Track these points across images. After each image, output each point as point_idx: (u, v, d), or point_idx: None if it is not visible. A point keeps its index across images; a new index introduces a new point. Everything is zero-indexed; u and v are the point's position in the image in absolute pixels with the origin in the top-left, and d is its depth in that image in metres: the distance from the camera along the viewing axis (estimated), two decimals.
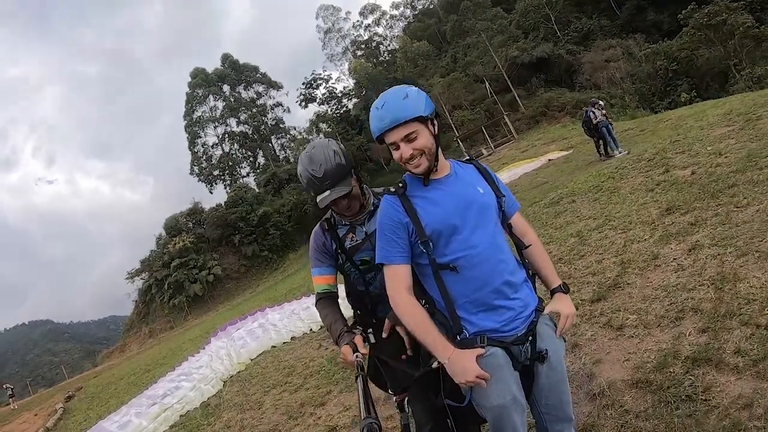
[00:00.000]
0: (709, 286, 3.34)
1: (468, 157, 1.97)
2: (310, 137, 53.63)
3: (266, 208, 46.47)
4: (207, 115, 60.37)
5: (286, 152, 62.25)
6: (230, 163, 59.96)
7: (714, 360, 2.61)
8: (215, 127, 60.68)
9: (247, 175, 61.13)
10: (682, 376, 2.62)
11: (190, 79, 59.50)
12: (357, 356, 1.83)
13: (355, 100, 55.44)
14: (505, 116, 35.03)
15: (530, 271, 1.90)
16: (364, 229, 2.15)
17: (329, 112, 55.11)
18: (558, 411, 1.82)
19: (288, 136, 63.20)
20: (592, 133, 12.55)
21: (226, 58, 61.93)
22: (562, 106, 34.43)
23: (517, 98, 37.80)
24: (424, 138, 1.68)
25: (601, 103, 12.88)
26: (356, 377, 1.75)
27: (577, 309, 4.07)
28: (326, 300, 2.14)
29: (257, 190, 52.75)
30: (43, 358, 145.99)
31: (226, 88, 61.61)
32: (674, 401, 2.47)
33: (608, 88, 32.92)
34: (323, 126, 53.64)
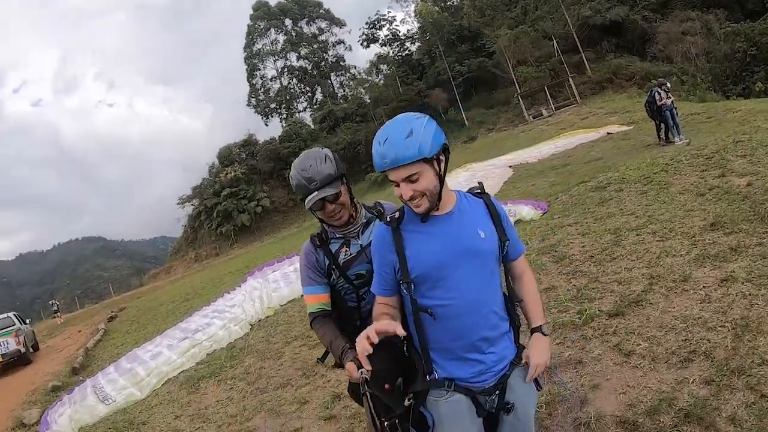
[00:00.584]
0: (729, 330, 3.13)
1: (479, 190, 1.82)
2: (370, 78, 52.89)
3: (320, 145, 46.76)
4: (267, 48, 60.28)
5: (344, 90, 61.92)
6: (287, 98, 60.23)
7: (706, 421, 2.48)
8: (275, 61, 60.65)
9: (304, 110, 61.44)
10: (670, 430, 2.52)
11: (252, 11, 59.17)
12: (362, 372, 1.77)
13: (418, 44, 53.92)
14: (570, 78, 33.21)
15: (516, 321, 1.81)
16: (359, 242, 2.09)
17: (391, 54, 53.86)
18: None
19: (348, 74, 62.60)
20: (655, 115, 11.82)
21: None
22: (630, 75, 32.20)
23: (585, 61, 35.52)
24: (427, 180, 1.56)
25: (668, 84, 11.99)
26: (362, 394, 1.74)
27: (592, 320, 3.98)
28: (321, 318, 2.09)
29: (312, 127, 53.01)
30: (93, 272, 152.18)
31: (288, 22, 61.02)
32: None
33: (681, 63, 30.28)
34: (383, 67, 52.64)
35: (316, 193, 1.95)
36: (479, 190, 1.82)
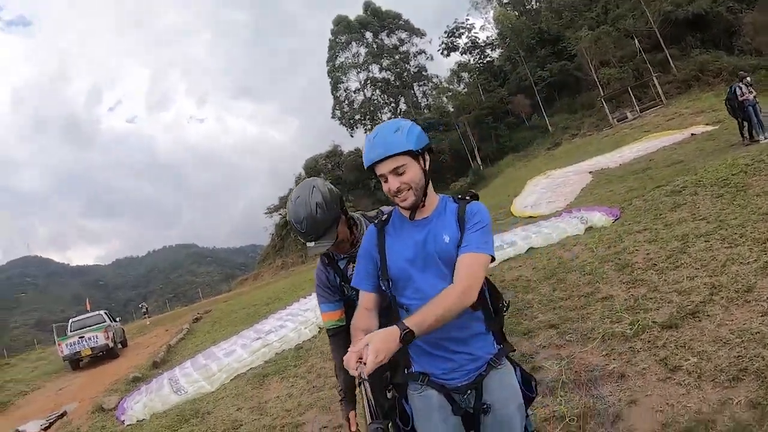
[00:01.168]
0: None
1: (461, 195, 1.83)
2: (452, 86, 52.59)
3: (324, 176, 46.94)
4: (350, 61, 61.61)
5: (428, 100, 62.02)
6: (371, 109, 61.10)
7: None
8: (357, 73, 61.82)
9: None
10: None
11: (333, 26, 60.97)
12: (359, 365, 1.88)
13: (498, 50, 53.05)
14: (654, 77, 31.09)
15: (497, 322, 1.79)
16: None
17: (471, 61, 53.37)
18: None
19: (430, 84, 62.64)
20: (737, 112, 10.91)
21: (368, 6, 62.13)
22: (717, 71, 29.44)
23: (669, 58, 33.01)
24: (413, 172, 1.66)
25: (749, 78, 11.00)
26: (359, 383, 1.75)
27: (644, 332, 3.78)
28: (335, 337, 2.22)
29: None
30: (185, 277, 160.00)
31: (368, 34, 62.14)
32: None
33: None
34: (465, 75, 52.25)
35: (313, 244, 2.02)
36: (463, 196, 1.82)
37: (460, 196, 1.82)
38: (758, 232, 4.75)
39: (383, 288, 1.76)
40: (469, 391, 1.70)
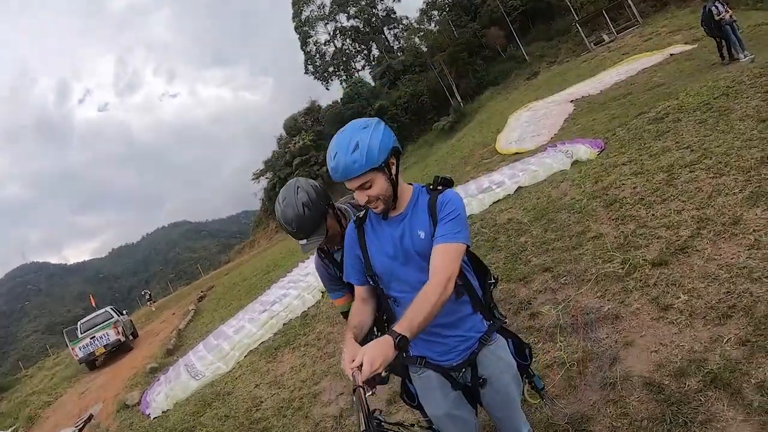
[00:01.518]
0: None
1: (432, 185, 1.81)
2: (422, 26, 51.03)
3: (382, 101, 45.78)
4: (315, 13, 59.32)
5: (400, 42, 60.34)
6: (344, 59, 59.50)
7: (733, 386, 2.39)
8: (325, 24, 59.69)
9: (363, 68, 60.39)
10: (693, 395, 2.46)
11: None
12: (354, 372, 1.81)
13: None
14: None
15: (485, 300, 1.87)
16: None
17: None
18: (508, 425, 1.93)
19: (401, 26, 60.81)
20: (714, 32, 10.71)
21: None
22: None
23: None
24: (379, 185, 1.66)
25: None
26: (353, 389, 1.74)
27: (635, 270, 3.90)
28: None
29: (373, 84, 52.42)
30: (183, 255, 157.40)
31: None
32: (671, 421, 2.36)
33: None
34: (435, 13, 50.60)
35: (305, 242, 2.08)
36: (435, 186, 1.82)
37: (431, 186, 1.82)
38: (742, 159, 4.77)
39: (371, 283, 1.83)
40: (464, 369, 1.82)
